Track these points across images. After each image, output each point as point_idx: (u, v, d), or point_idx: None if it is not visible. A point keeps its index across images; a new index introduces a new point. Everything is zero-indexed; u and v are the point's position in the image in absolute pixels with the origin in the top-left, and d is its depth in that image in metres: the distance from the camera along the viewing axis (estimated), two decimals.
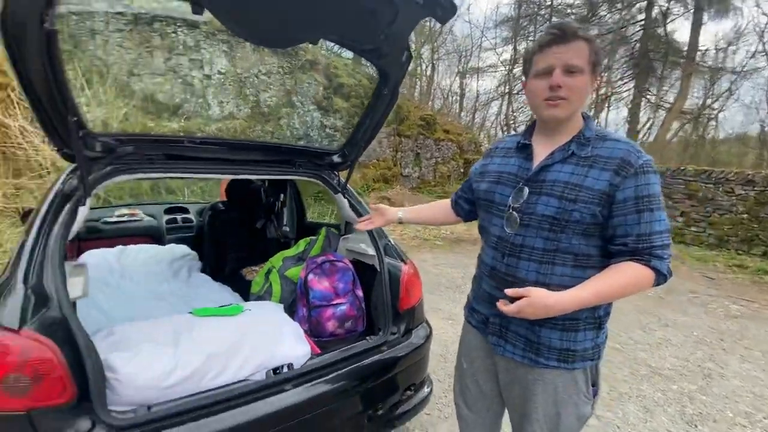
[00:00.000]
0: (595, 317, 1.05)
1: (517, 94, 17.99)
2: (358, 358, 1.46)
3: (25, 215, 2.26)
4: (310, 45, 1.83)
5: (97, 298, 1.88)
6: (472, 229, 7.85)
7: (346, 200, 1.89)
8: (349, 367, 1.41)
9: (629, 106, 14.22)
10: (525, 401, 1.12)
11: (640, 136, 13.97)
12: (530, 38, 16.78)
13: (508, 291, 0.99)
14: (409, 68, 1.56)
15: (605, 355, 1.10)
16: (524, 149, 1.13)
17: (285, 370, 1.33)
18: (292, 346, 1.42)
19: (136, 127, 6.87)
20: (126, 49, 7.73)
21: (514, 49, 16.84)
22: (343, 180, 1.92)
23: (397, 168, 10.63)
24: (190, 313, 1.47)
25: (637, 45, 13.90)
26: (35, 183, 5.82)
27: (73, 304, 1.16)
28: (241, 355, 1.31)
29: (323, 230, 2.15)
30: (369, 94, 1.68)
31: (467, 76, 18.32)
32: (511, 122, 17.40)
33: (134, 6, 7.65)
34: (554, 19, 15.40)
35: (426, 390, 1.74)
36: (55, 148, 1.28)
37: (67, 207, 1.26)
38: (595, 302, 0.98)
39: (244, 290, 2.18)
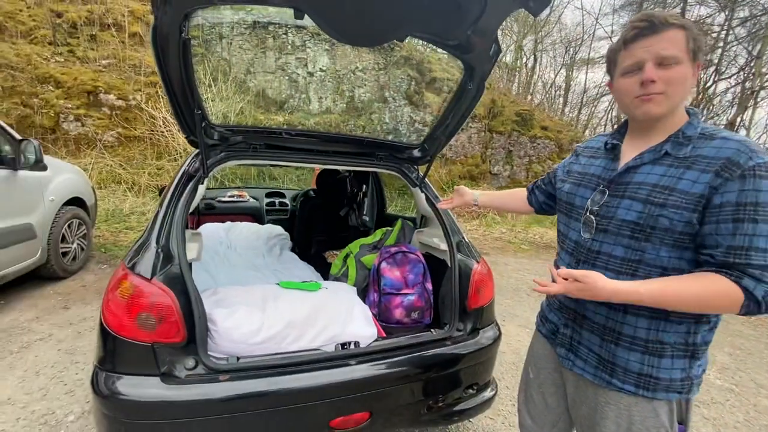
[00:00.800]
0: (687, 344, 0.91)
1: None
2: (420, 347, 1.50)
3: (162, 190, 2.78)
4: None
5: (207, 263, 2.23)
6: None
7: (423, 194, 1.93)
8: (411, 355, 1.46)
9: None
10: (593, 425, 1.02)
11: None
12: None
13: (560, 271, 0.91)
14: (509, 61, 1.53)
15: (711, 393, 0.95)
16: (612, 150, 1.03)
17: (352, 346, 1.44)
18: (361, 326, 1.53)
19: (249, 119, 7.80)
20: (245, 50, 8.77)
21: None
22: (421, 174, 1.96)
23: (485, 165, 10.26)
24: (278, 284, 1.67)
25: None
26: (171, 165, 7.01)
27: (189, 265, 1.41)
28: (316, 327, 1.46)
29: (399, 222, 2.22)
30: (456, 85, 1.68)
31: (575, 68, 16.71)
32: (623, 118, 15.48)
33: (254, 13, 8.62)
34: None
35: (489, 393, 1.71)
36: (184, 135, 1.55)
37: (190, 185, 1.52)
38: (651, 303, 0.86)
39: (324, 270, 2.37)
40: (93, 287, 3.43)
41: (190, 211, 1.50)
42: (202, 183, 1.55)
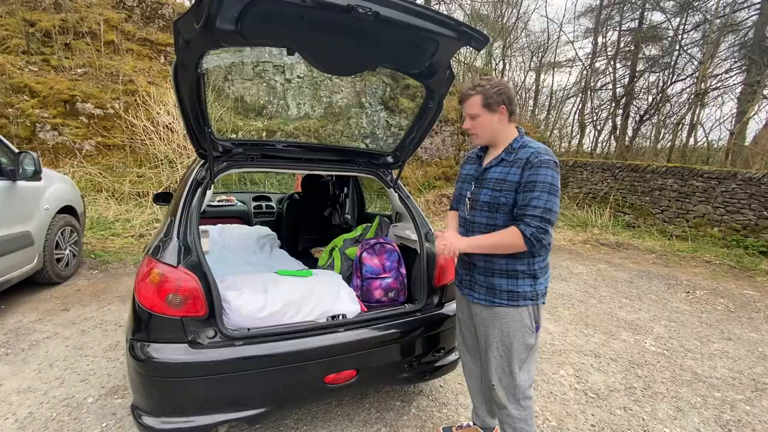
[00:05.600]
0: (530, 270, 1.46)
1: (599, 90, 16.83)
2: (396, 317, 1.84)
3: (158, 197, 3.01)
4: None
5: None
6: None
7: (396, 194, 2.27)
8: (388, 323, 1.80)
9: (738, 101, 12.56)
10: (487, 335, 1.54)
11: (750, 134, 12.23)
12: (616, 28, 15.64)
13: (437, 234, 1.48)
14: (480, 65, 1.94)
15: (645, 357, 1.35)
16: (479, 159, 1.62)
17: (340, 318, 1.77)
18: (347, 303, 1.85)
19: (228, 126, 7.96)
20: (222, 58, 8.92)
21: (595, 41, 15.78)
22: (395, 177, 2.30)
23: (459, 167, 10.75)
24: (275, 272, 1.98)
25: (750, 32, 12.23)
26: (153, 172, 7.10)
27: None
28: (309, 304, 1.77)
29: (377, 218, 2.56)
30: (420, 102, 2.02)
31: (543, 71, 17.55)
32: (590, 120, 16.32)
33: None
34: (648, 5, 14.14)
35: (454, 356, 2.06)
36: (194, 148, 1.84)
37: (199, 190, 1.81)
38: (473, 249, 1.47)
39: (312, 265, 2.67)
40: (87, 291, 3.60)
41: (201, 211, 1.79)
42: (209, 188, 1.84)
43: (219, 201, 4.02)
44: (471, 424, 1.92)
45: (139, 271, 1.54)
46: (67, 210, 3.81)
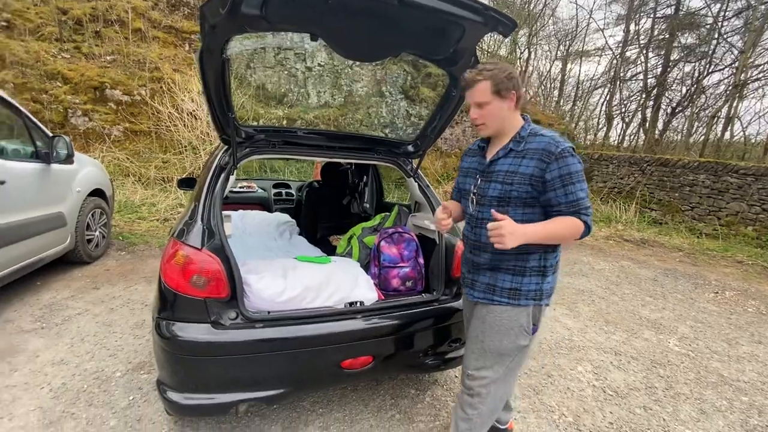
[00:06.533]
0: (540, 266, 1.37)
1: (629, 80, 16.09)
2: (413, 307, 1.84)
3: (182, 182, 3.09)
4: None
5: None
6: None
7: (416, 183, 2.25)
8: (405, 312, 1.80)
9: None
10: (482, 331, 1.44)
11: None
12: (650, 15, 14.88)
13: (494, 212, 1.27)
14: (504, 53, 1.87)
15: (669, 357, 1.28)
16: (481, 150, 1.50)
17: (358, 305, 1.78)
18: (365, 290, 1.87)
19: (250, 113, 8.06)
20: (245, 46, 8.98)
21: (627, 29, 15.09)
22: (415, 166, 2.28)
23: None
24: (295, 258, 2.00)
25: None
26: (177, 158, 7.28)
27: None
28: (328, 290, 1.79)
29: (396, 208, 2.56)
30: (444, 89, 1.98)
31: (570, 60, 16.94)
32: (618, 112, 15.72)
33: None
34: None
35: None
36: (218, 134, 1.87)
37: (222, 175, 1.84)
38: (544, 235, 1.27)
39: (330, 252, 2.69)
40: (116, 271, 3.75)
41: (223, 196, 1.82)
42: (232, 174, 1.87)
43: (240, 187, 4.09)
44: None
45: (165, 252, 1.59)
46: (97, 193, 3.96)
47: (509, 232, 1.20)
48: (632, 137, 15.60)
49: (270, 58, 9.29)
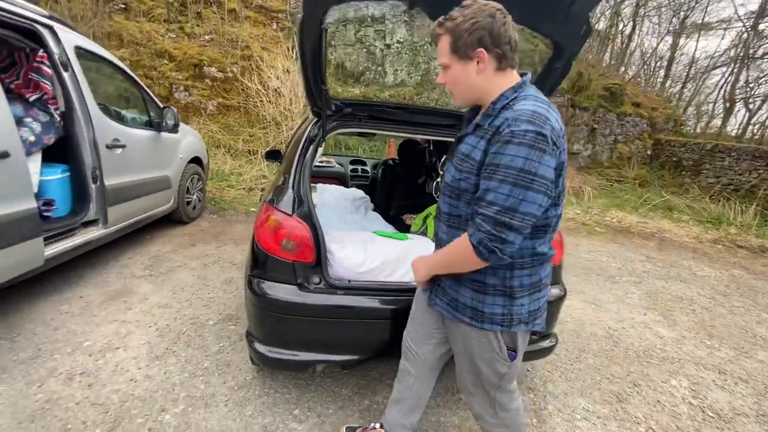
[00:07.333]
0: (505, 286, 1.06)
1: (761, 59, 13.38)
2: None
3: (268, 154, 3.28)
4: None
5: None
6: (646, 220, 6.81)
7: None
8: None
9: None
10: (454, 348, 1.25)
11: None
12: None
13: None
14: (602, 27, 1.63)
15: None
16: (468, 123, 1.14)
17: None
18: None
19: (330, 91, 8.27)
20: (329, 24, 9.15)
21: None
22: None
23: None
24: (373, 232, 2.02)
25: None
26: (262, 132, 7.79)
27: None
28: (404, 266, 1.78)
29: None
30: (543, 60, 1.77)
31: (684, 35, 14.61)
32: (741, 97, 13.27)
33: None
34: None
35: (548, 343, 1.93)
36: (310, 106, 1.91)
37: (311, 147, 1.89)
38: (440, 266, 1.08)
39: (403, 231, 2.68)
40: (209, 231, 4.16)
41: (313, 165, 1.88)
42: (321, 146, 1.91)
43: (320, 162, 4.25)
44: (377, 426, 1.64)
45: (258, 216, 1.69)
46: (196, 161, 4.39)
47: (415, 264, 1.06)
48: (757, 127, 13.21)
49: (350, 35, 9.38)
